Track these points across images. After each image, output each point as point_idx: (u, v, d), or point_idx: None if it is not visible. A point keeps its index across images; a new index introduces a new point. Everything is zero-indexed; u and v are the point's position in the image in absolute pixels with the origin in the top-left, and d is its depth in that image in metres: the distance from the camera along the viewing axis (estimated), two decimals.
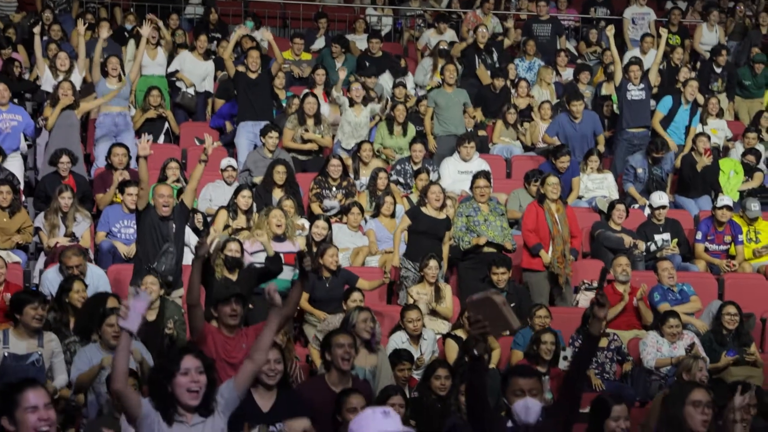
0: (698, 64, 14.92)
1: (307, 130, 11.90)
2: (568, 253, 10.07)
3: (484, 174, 10.51)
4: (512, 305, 9.48)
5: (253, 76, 11.93)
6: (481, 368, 5.13)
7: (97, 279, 8.99)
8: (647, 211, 11.32)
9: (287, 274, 9.17)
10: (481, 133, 12.93)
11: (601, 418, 5.46)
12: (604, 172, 12.05)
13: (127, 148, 10.90)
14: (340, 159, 11.25)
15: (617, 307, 9.59)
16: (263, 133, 11.37)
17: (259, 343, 5.19)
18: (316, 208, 10.99)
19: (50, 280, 8.96)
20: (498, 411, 5.28)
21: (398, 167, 11.73)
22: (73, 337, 7.81)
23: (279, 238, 9.39)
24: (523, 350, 8.83)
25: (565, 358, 8.59)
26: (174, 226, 8.98)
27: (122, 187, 10.00)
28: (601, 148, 12.40)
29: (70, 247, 9.09)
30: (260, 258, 9.19)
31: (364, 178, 11.46)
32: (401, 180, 11.64)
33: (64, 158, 10.49)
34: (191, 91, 13.09)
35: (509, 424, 5.18)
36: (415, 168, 11.60)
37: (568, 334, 9.22)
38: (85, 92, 11.78)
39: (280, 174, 10.67)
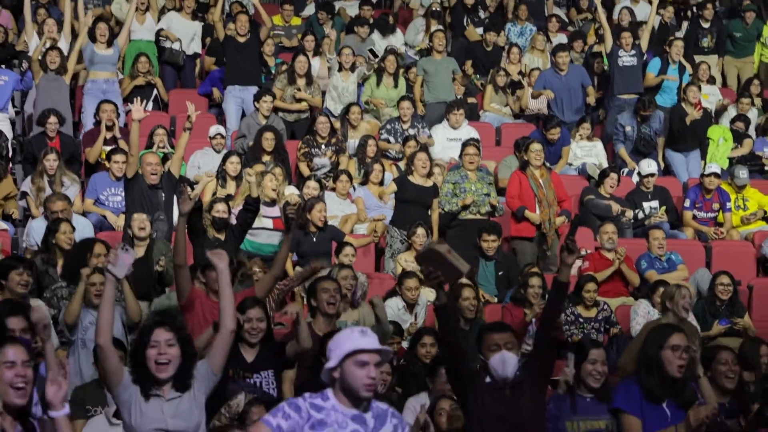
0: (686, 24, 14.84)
1: (299, 89, 11.89)
2: (554, 216, 10.10)
3: (474, 141, 10.53)
4: (500, 273, 9.59)
5: (241, 39, 11.95)
6: (447, 316, 5.22)
7: (83, 228, 8.99)
8: (635, 178, 11.34)
9: (275, 239, 9.19)
10: (471, 100, 12.89)
11: (578, 360, 5.60)
12: (594, 140, 12.05)
13: (115, 105, 10.87)
14: (328, 116, 11.25)
15: (604, 273, 9.61)
16: (257, 98, 11.35)
17: (222, 311, 5.15)
18: (304, 168, 10.99)
19: (36, 229, 8.96)
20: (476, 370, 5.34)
21: (388, 126, 11.66)
22: (59, 282, 7.80)
23: (268, 204, 9.40)
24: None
25: (567, 366, 8.61)
26: (163, 194, 9.00)
27: (109, 155, 9.97)
28: (591, 100, 12.40)
29: (54, 193, 9.09)
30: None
31: (353, 140, 11.44)
32: (391, 140, 11.59)
33: (52, 119, 10.46)
34: (177, 46, 12.97)
35: (487, 380, 5.24)
36: (404, 127, 11.57)
37: None
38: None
39: (268, 141, 10.66)
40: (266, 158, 10.60)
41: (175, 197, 9.36)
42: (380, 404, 4.29)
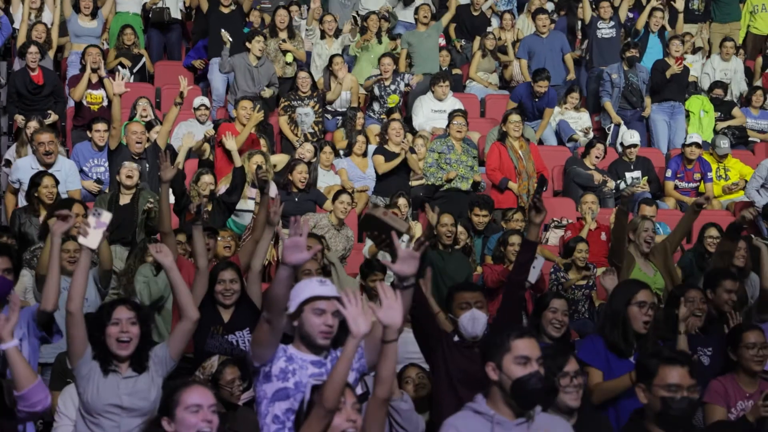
0: None
1: (283, 41, 11.92)
2: (532, 188, 10.16)
3: (462, 112, 10.58)
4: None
5: (225, 11, 11.98)
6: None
7: (67, 170, 9.04)
8: (619, 148, 11.40)
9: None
10: (456, 71, 12.91)
11: (540, 309, 5.75)
12: (581, 111, 12.09)
13: (100, 48, 10.91)
14: (309, 72, 11.31)
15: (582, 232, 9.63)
16: (248, 38, 11.38)
17: (180, 305, 5.13)
18: (285, 126, 11.03)
19: (22, 168, 9.03)
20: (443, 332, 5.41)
21: (376, 88, 11.71)
22: (39, 243, 7.82)
23: (254, 184, 9.44)
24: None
25: (533, 267, 8.69)
26: (147, 165, 9.03)
27: (90, 124, 10.00)
28: (570, 66, 12.43)
29: (40, 127, 9.15)
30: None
31: (344, 93, 11.51)
32: (384, 94, 11.61)
33: (32, 48, 10.51)
34: (160, 3, 12.92)
35: (456, 338, 5.31)
36: (386, 84, 11.61)
37: None
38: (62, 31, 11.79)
39: (246, 110, 10.63)
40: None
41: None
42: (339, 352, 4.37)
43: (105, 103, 10.61)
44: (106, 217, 4.80)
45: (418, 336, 5.45)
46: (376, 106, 11.65)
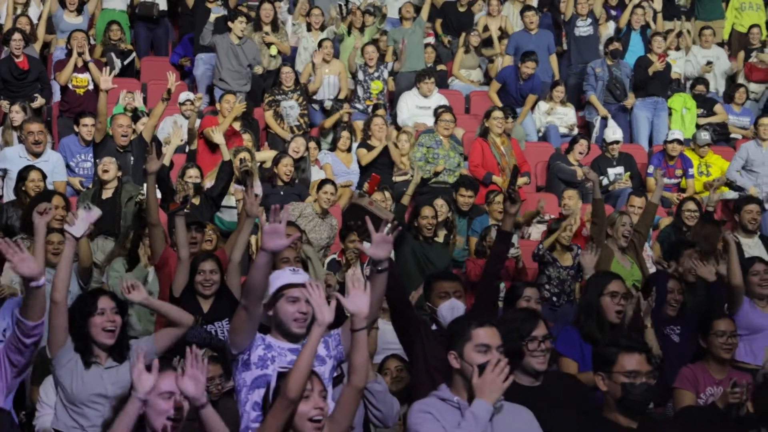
0: None
1: (267, 34, 11.99)
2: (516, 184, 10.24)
3: (449, 109, 10.68)
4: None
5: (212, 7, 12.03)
6: (391, 267, 5.31)
7: (55, 162, 9.08)
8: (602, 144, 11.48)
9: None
10: (441, 67, 12.98)
11: (513, 299, 5.88)
12: (567, 105, 12.16)
13: (86, 33, 10.97)
14: (292, 67, 11.37)
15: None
16: (231, 18, 11.44)
17: (173, 320, 5.25)
18: (270, 119, 11.07)
19: (9, 157, 9.07)
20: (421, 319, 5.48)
21: (360, 72, 11.76)
22: (20, 234, 7.86)
23: (239, 181, 9.49)
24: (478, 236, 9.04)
25: (512, 244, 8.78)
26: (132, 158, 9.08)
27: (77, 118, 10.04)
28: (555, 67, 12.50)
29: (25, 113, 9.19)
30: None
31: (327, 77, 11.57)
32: (367, 79, 11.69)
33: (16, 35, 10.55)
34: None
35: (434, 327, 5.37)
36: (370, 71, 11.65)
37: None
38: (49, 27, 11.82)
39: (230, 104, 10.68)
40: (236, 125, 10.69)
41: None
42: None
43: (90, 87, 10.65)
44: (96, 213, 4.98)
45: (396, 325, 5.49)
46: (360, 91, 11.71)
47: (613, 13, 13.08)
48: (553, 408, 4.37)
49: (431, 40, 13.14)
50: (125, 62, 11.94)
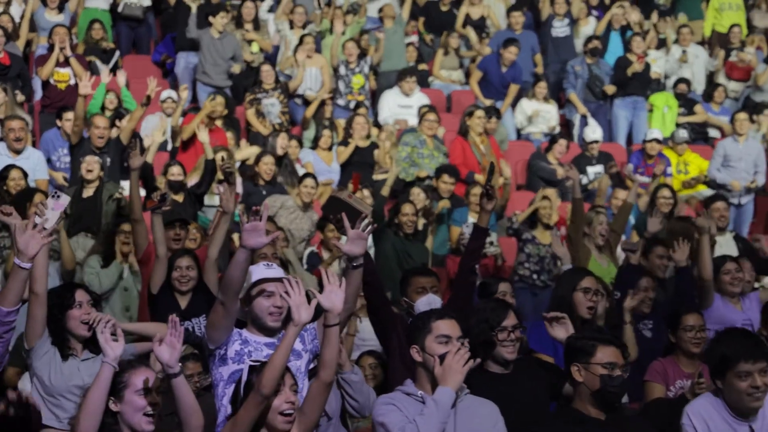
0: None
1: (247, 31, 12.01)
2: (495, 182, 10.29)
3: (433, 108, 10.74)
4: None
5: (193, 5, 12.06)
6: (367, 261, 5.31)
7: (36, 160, 9.08)
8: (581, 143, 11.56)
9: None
10: (422, 66, 13.04)
11: (487, 295, 5.96)
12: (550, 102, 12.22)
13: (68, 28, 10.96)
14: (272, 65, 11.41)
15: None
16: (213, 13, 11.48)
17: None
18: (251, 117, 11.11)
19: None
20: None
21: (342, 67, 11.81)
22: (2, 231, 7.83)
23: (221, 181, 9.52)
24: (460, 226, 9.07)
25: (491, 243, 8.85)
26: (109, 159, 9.10)
27: (60, 112, 10.04)
28: (540, 69, 12.57)
29: (13, 114, 9.20)
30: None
31: (310, 69, 11.61)
32: (349, 73, 11.74)
33: None
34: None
35: (410, 321, 5.41)
36: (352, 66, 11.70)
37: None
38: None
39: (220, 107, 10.76)
40: (218, 122, 10.72)
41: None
42: None
43: (72, 82, 10.65)
44: (65, 199, 4.85)
45: (373, 320, 5.55)
46: (341, 86, 11.75)
47: (595, 13, 13.14)
48: (523, 395, 4.43)
49: (414, 38, 13.18)
50: (110, 65, 11.92)
